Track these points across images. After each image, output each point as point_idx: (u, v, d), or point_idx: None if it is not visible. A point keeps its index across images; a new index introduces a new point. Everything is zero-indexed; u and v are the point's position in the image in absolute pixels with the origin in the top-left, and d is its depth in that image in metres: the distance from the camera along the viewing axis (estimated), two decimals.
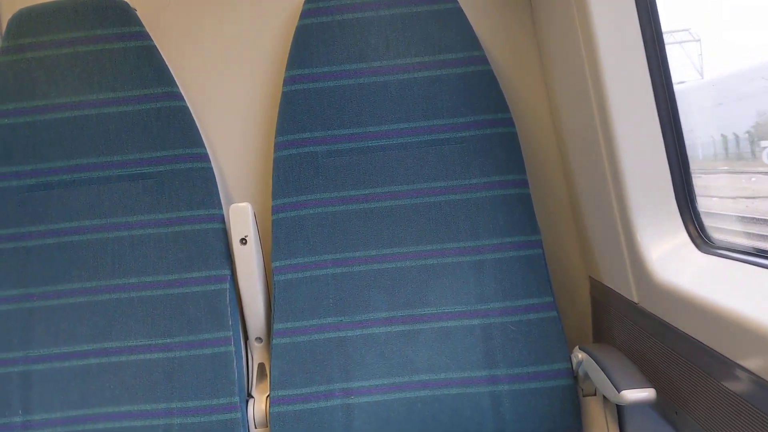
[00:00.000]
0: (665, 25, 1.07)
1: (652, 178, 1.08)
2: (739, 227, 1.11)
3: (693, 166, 1.08)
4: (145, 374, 1.27)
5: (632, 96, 1.07)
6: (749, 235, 1.08)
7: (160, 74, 1.34)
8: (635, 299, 1.12)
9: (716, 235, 1.06)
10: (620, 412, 1.26)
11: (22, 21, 1.35)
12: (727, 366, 0.81)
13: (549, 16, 1.31)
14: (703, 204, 1.07)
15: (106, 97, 1.34)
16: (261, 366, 1.36)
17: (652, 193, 1.08)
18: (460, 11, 1.33)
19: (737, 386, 0.79)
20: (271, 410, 1.25)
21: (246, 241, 1.27)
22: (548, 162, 1.46)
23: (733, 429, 0.80)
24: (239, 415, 1.25)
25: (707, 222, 1.07)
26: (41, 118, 1.34)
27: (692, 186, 1.07)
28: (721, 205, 1.15)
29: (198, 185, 1.32)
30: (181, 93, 1.35)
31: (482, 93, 1.32)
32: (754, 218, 1.10)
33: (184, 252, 1.31)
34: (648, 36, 1.07)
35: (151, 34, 1.36)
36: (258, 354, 1.36)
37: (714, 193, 1.15)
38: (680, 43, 1.27)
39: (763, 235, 1.04)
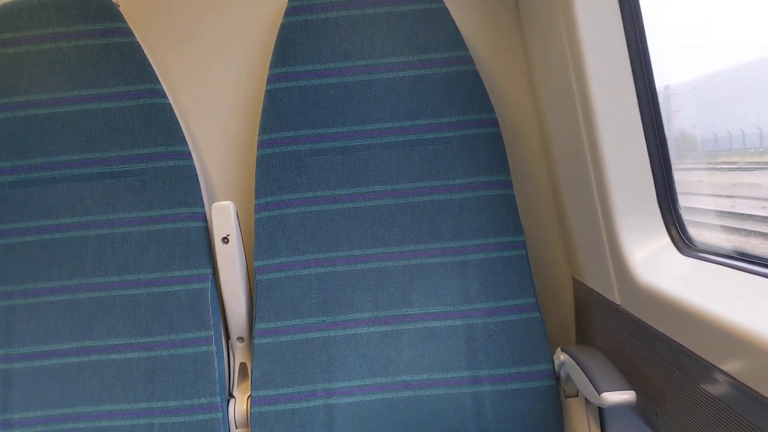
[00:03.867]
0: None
1: (635, 180, 1.08)
2: None
3: None
4: (126, 373, 1.26)
5: (615, 98, 1.07)
6: None
7: (143, 71, 1.33)
8: (617, 301, 1.12)
9: None
10: (602, 413, 1.26)
11: (4, 16, 1.34)
12: (707, 369, 0.81)
13: (534, 16, 1.31)
14: None
15: (88, 93, 1.33)
16: (242, 366, 1.35)
17: (634, 195, 1.08)
18: (445, 11, 1.33)
19: (716, 389, 0.79)
20: (252, 410, 1.24)
21: (228, 240, 1.26)
22: (533, 162, 1.46)
23: None
24: (220, 415, 1.24)
25: None
26: (22, 114, 1.32)
27: (675, 189, 1.07)
28: None
29: (180, 183, 1.31)
30: (163, 90, 1.33)
31: (467, 93, 1.32)
32: None
33: (166, 250, 1.30)
34: (632, 38, 1.07)
35: (133, 31, 1.34)
36: (240, 354, 1.35)
37: None
38: None
39: None
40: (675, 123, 1.11)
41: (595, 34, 1.08)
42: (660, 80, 1.08)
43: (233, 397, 1.31)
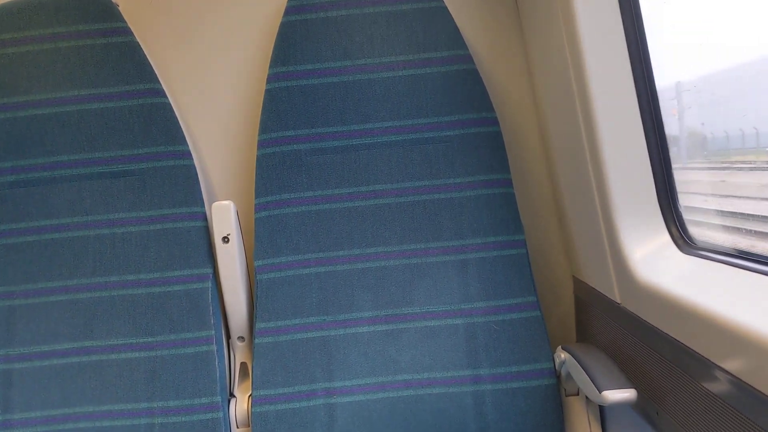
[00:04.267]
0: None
1: (635, 178, 1.08)
2: None
3: None
4: (126, 373, 1.26)
5: (615, 97, 1.07)
6: None
7: (142, 70, 1.33)
8: (617, 299, 1.12)
9: None
10: (602, 412, 1.26)
11: (3, 16, 1.34)
12: (707, 367, 0.81)
13: (534, 15, 1.31)
14: None
15: (87, 93, 1.33)
16: (243, 365, 1.35)
17: (634, 193, 1.08)
18: (444, 9, 1.33)
19: (716, 387, 0.79)
20: (252, 410, 1.24)
21: (228, 239, 1.26)
22: (533, 161, 1.46)
23: (712, 430, 0.81)
24: (221, 414, 1.24)
25: None
26: (22, 114, 1.32)
27: (674, 187, 1.07)
28: None
29: (180, 183, 1.31)
30: (163, 89, 1.33)
31: (467, 92, 1.32)
32: None
33: (166, 250, 1.30)
34: (631, 36, 1.07)
35: (133, 30, 1.34)
36: (240, 353, 1.35)
37: None
38: None
39: None
40: (685, 120, 1.09)
41: (595, 33, 1.08)
42: (670, 77, 1.06)
43: (234, 396, 1.31)
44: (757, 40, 0.92)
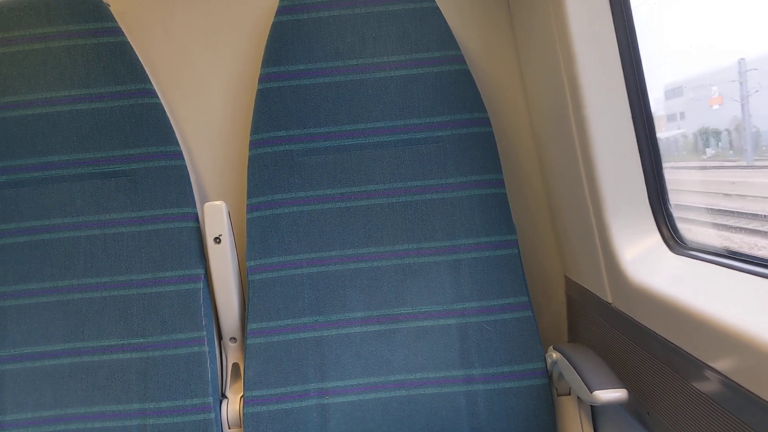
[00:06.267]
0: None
1: (626, 179, 1.08)
2: None
3: None
4: (118, 374, 1.26)
5: (607, 98, 1.08)
6: None
7: (134, 71, 1.32)
8: (609, 299, 1.12)
9: None
10: (594, 411, 1.27)
11: None
12: (697, 367, 0.81)
13: (526, 16, 1.31)
14: None
15: (78, 93, 1.32)
16: (235, 366, 1.35)
17: (626, 194, 1.08)
18: (436, 10, 1.33)
19: (707, 387, 0.79)
20: (244, 410, 1.24)
21: (220, 240, 1.26)
22: (526, 161, 1.47)
23: (703, 430, 0.81)
24: (213, 415, 1.24)
25: None
26: (12, 115, 1.32)
27: (665, 188, 1.07)
28: None
29: (172, 183, 1.31)
30: (154, 90, 1.33)
31: (459, 92, 1.32)
32: None
33: (158, 251, 1.30)
34: (622, 38, 1.08)
35: (124, 30, 1.34)
36: (232, 354, 1.35)
37: None
38: None
39: None
40: (750, 106, 0.97)
41: (586, 34, 1.08)
42: (728, 55, 0.95)
43: (226, 397, 1.31)
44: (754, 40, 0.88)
